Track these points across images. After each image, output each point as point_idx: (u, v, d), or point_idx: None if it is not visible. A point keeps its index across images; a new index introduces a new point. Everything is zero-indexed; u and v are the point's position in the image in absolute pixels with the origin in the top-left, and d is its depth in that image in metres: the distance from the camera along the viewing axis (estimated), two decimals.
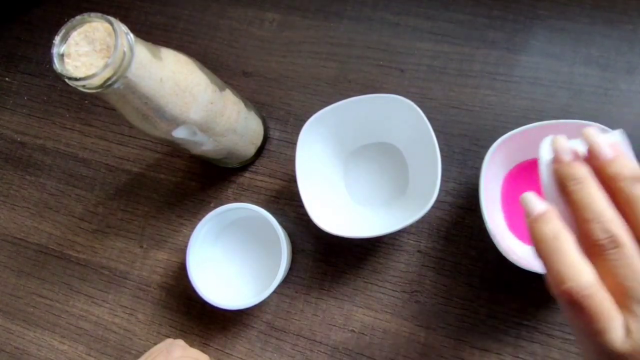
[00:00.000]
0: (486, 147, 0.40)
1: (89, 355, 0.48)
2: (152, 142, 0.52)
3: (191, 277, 0.42)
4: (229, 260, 0.46)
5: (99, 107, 0.54)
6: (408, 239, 0.45)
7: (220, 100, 0.39)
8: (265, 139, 0.49)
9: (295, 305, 0.45)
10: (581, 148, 0.24)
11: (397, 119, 0.43)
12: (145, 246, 0.49)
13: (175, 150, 0.51)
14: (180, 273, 0.48)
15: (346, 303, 0.45)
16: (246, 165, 0.49)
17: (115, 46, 0.29)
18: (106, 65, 0.29)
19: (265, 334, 0.45)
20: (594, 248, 0.22)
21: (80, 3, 0.58)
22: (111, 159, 0.52)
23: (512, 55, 0.48)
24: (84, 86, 0.29)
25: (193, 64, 0.36)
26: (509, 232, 0.42)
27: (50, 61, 0.30)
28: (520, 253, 0.40)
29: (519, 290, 0.43)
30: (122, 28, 0.30)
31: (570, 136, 0.41)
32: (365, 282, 0.45)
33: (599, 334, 0.21)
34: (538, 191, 0.43)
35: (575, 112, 0.45)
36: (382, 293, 0.44)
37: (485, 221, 0.38)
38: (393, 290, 0.44)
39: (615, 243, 0.22)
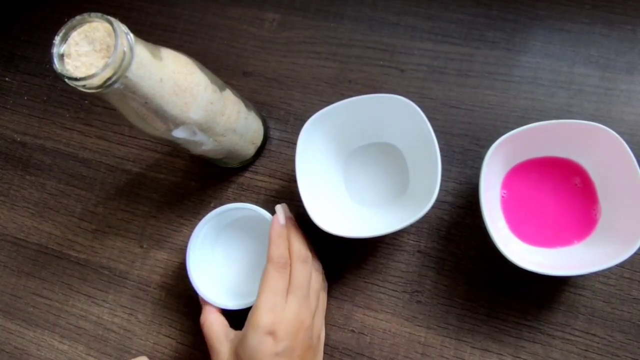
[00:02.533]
0: (486, 147, 0.40)
1: (89, 355, 0.48)
2: (152, 142, 0.52)
3: (191, 277, 0.42)
4: (229, 260, 0.46)
5: (99, 107, 0.54)
6: (408, 239, 0.45)
7: (220, 100, 0.39)
8: (265, 139, 0.49)
9: None
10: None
11: (397, 119, 0.43)
12: (145, 246, 0.49)
13: (175, 150, 0.51)
14: (180, 273, 0.48)
15: (346, 303, 0.45)
16: (246, 165, 0.49)
17: (115, 46, 0.29)
18: (106, 65, 0.29)
19: None
20: (297, 256, 0.38)
21: (81, 3, 0.58)
22: (111, 159, 0.52)
23: (512, 56, 0.48)
24: (84, 86, 0.29)
25: (193, 64, 0.36)
26: (509, 232, 0.42)
27: (50, 61, 0.30)
28: (521, 253, 0.40)
29: (519, 291, 0.43)
30: (122, 28, 0.30)
31: (571, 136, 0.41)
32: (366, 282, 0.45)
33: (279, 291, 0.36)
34: (538, 190, 0.43)
35: (576, 112, 0.45)
36: (383, 293, 0.44)
37: (485, 221, 0.38)
38: (393, 290, 0.44)
39: (307, 259, 0.39)
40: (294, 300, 0.36)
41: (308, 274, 0.38)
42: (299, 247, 0.38)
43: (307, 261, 0.38)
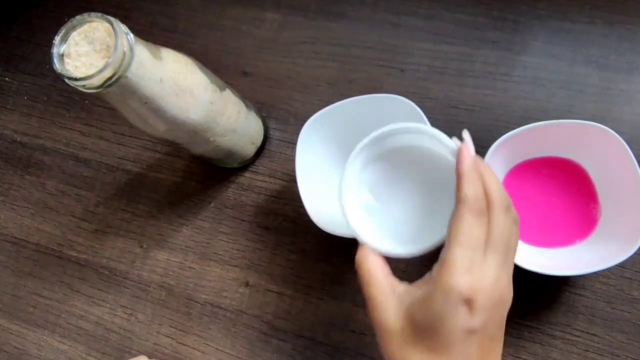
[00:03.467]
0: (486, 147, 0.40)
1: (89, 355, 0.48)
2: (152, 142, 0.52)
3: (349, 218, 0.34)
4: (388, 200, 0.36)
5: (99, 107, 0.54)
6: None
7: (220, 100, 0.39)
8: (265, 139, 0.49)
9: (295, 305, 0.45)
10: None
11: (397, 119, 0.43)
12: (145, 246, 0.49)
13: (175, 150, 0.51)
14: (180, 273, 0.48)
15: (346, 303, 0.45)
16: (246, 165, 0.49)
17: (115, 46, 0.29)
18: (106, 65, 0.29)
19: (265, 334, 0.45)
20: (497, 205, 0.28)
21: (80, 3, 0.58)
22: (111, 159, 0.52)
23: (513, 56, 0.48)
24: (84, 86, 0.29)
25: (193, 64, 0.36)
26: None
27: (50, 61, 0.30)
28: (521, 253, 0.40)
29: (520, 291, 0.42)
30: (122, 28, 0.30)
31: (571, 136, 0.41)
32: None
33: (472, 245, 0.27)
34: (538, 190, 0.43)
35: (576, 112, 0.45)
36: None
37: None
38: None
39: (509, 209, 0.29)
40: (495, 260, 0.27)
41: (510, 226, 0.28)
42: (499, 188, 0.29)
43: (509, 210, 0.29)
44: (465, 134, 0.32)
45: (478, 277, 0.26)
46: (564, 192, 0.42)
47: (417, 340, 0.27)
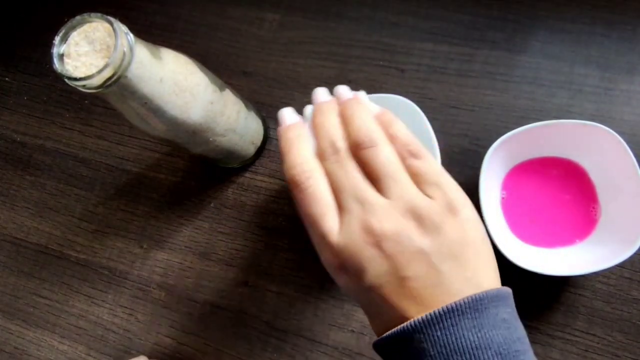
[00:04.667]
0: (486, 147, 0.40)
1: (89, 355, 0.48)
2: (152, 142, 0.52)
3: None
4: None
5: (99, 107, 0.54)
6: None
7: (220, 100, 0.39)
8: (265, 139, 0.49)
9: (295, 305, 0.45)
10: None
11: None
12: (145, 246, 0.49)
13: (175, 150, 0.51)
14: (180, 273, 0.48)
15: (346, 303, 0.45)
16: (246, 165, 0.49)
17: (115, 46, 0.29)
18: (106, 65, 0.29)
19: (265, 334, 0.45)
20: (321, 155, 0.27)
21: (81, 3, 0.58)
22: (111, 159, 0.52)
23: (512, 56, 0.48)
24: (83, 86, 0.29)
25: (193, 64, 0.36)
26: (509, 232, 0.42)
27: (50, 61, 0.30)
28: (521, 253, 0.40)
29: (519, 291, 0.42)
30: (122, 28, 0.30)
31: (571, 136, 0.41)
32: None
33: (318, 217, 0.26)
34: (538, 191, 0.43)
35: (576, 112, 0.45)
36: None
37: (485, 221, 0.38)
38: None
39: (335, 149, 0.26)
40: (346, 214, 0.25)
41: (347, 164, 0.26)
42: (322, 136, 0.27)
43: (336, 150, 0.26)
44: (280, 112, 0.31)
45: (335, 242, 0.25)
46: (564, 192, 0.42)
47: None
